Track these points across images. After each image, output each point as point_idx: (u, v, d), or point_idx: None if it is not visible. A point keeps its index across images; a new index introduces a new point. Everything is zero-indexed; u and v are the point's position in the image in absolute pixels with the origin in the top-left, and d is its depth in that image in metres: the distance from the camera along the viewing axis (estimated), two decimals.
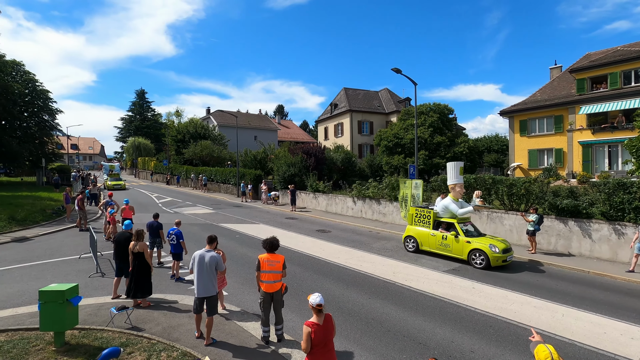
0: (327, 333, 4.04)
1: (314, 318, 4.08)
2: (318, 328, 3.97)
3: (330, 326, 4.09)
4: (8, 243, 13.40)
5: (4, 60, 31.66)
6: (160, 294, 8.21)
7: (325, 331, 4.01)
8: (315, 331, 3.94)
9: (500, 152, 43.82)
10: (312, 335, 3.92)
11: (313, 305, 4.05)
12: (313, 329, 3.95)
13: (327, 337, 4.04)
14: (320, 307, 4.05)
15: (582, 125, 24.18)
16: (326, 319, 4.09)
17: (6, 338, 6.01)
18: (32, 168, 37.83)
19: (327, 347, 4.05)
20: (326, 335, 4.02)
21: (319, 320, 4.04)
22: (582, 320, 7.16)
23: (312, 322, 4.02)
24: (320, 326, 3.99)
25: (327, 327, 4.05)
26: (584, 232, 11.78)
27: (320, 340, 3.96)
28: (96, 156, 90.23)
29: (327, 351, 4.04)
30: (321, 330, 3.98)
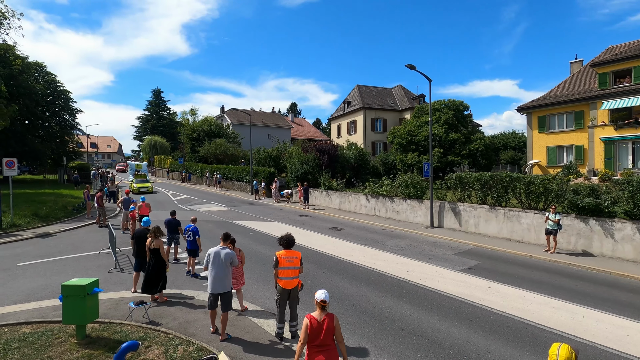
0: (322, 331, 3.97)
1: (315, 313, 4.09)
2: (316, 323, 3.98)
3: (326, 326, 3.99)
4: (32, 239, 13.90)
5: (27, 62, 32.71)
6: (176, 290, 8.37)
7: (319, 329, 3.96)
8: (311, 325, 3.97)
9: (518, 149, 42.87)
10: (308, 329, 3.96)
11: (317, 300, 4.08)
12: (311, 322, 3.98)
13: (323, 336, 3.97)
14: (323, 304, 4.04)
15: (604, 121, 23.38)
16: (325, 318, 4.02)
17: (31, 330, 6.24)
18: (54, 166, 39.10)
19: (323, 346, 3.97)
20: (320, 333, 3.96)
21: (318, 316, 4.04)
22: (604, 322, 6.95)
23: (312, 315, 4.06)
24: (318, 322, 3.99)
25: (323, 326, 3.98)
26: (606, 231, 11.41)
27: (315, 336, 3.96)
28: (114, 154, 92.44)
29: (323, 350, 3.97)
30: (317, 326, 3.98)
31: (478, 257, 11.62)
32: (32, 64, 33.99)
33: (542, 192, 13.18)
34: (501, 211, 14.14)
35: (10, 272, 9.83)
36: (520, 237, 13.49)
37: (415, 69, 15.66)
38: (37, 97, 32.82)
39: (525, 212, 13.38)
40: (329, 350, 3.99)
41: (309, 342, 4.00)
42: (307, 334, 3.97)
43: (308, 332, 3.97)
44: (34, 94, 31.97)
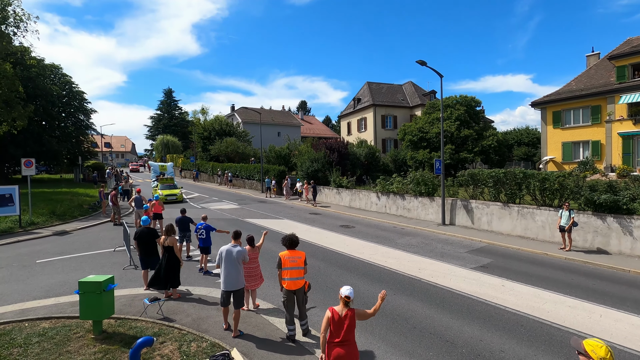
0: (343, 327, 4.06)
1: (338, 307, 4.20)
2: (337, 317, 4.09)
3: (348, 322, 4.08)
4: (50, 236, 14.27)
5: (43, 64, 33.51)
6: (189, 287, 8.49)
7: (340, 323, 4.06)
8: (332, 318, 4.08)
9: (531, 145, 42.05)
10: (329, 320, 4.08)
11: (342, 295, 4.17)
12: (333, 314, 4.10)
13: (342, 330, 4.06)
14: (347, 299, 4.13)
15: (622, 115, 22.71)
16: (347, 313, 4.12)
17: (50, 325, 6.42)
18: (70, 165, 40.03)
19: (344, 342, 4.05)
20: (341, 328, 4.05)
21: (340, 310, 4.14)
22: (623, 322, 6.77)
23: (334, 309, 4.17)
24: (340, 317, 4.08)
25: (343, 321, 4.08)
26: (625, 228, 11.11)
27: (336, 330, 4.05)
28: (128, 154, 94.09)
29: (342, 344, 4.04)
30: (338, 320, 4.07)
31: (491, 255, 11.46)
32: (48, 65, 34.83)
33: (558, 189, 12.90)
34: (515, 208, 13.90)
35: (30, 269, 10.12)
36: (534, 234, 13.25)
37: (426, 64, 15.47)
38: (53, 98, 33.63)
39: (540, 209, 13.12)
40: (349, 345, 4.07)
41: (329, 337, 4.08)
42: (329, 325, 4.08)
43: (330, 325, 4.07)
44: (50, 95, 32.76)
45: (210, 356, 5.32)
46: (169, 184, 25.30)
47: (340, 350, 4.02)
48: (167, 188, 24.38)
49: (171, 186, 24.96)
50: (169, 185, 25.13)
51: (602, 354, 2.58)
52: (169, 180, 26.62)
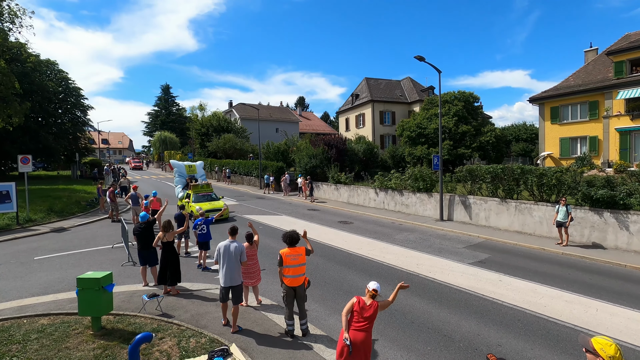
0: (365, 313, 4.43)
1: (365, 297, 4.57)
2: (362, 303, 4.47)
3: (371, 310, 4.45)
4: (48, 233, 14.24)
5: (39, 59, 33.21)
6: (188, 283, 8.50)
7: (363, 310, 4.44)
8: (358, 303, 4.46)
9: (529, 141, 42.11)
10: (354, 306, 4.45)
11: (369, 289, 4.53)
12: (359, 301, 4.48)
13: (364, 317, 4.42)
14: (375, 292, 4.48)
15: (620, 111, 22.76)
16: (372, 303, 4.50)
17: (49, 322, 6.42)
18: (67, 162, 39.86)
19: (361, 325, 4.41)
20: (363, 314, 4.43)
21: (367, 301, 4.51)
22: (619, 316, 6.84)
23: (361, 297, 4.56)
24: (365, 304, 4.46)
25: (367, 309, 4.44)
26: (621, 223, 11.17)
27: (357, 312, 4.44)
28: (125, 150, 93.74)
29: (361, 329, 4.40)
30: (363, 307, 4.44)
31: (489, 251, 11.51)
32: (44, 61, 34.53)
33: (555, 185, 12.94)
34: (512, 204, 13.95)
35: (28, 265, 10.11)
36: (532, 230, 13.31)
37: (424, 60, 15.43)
38: (50, 94, 33.38)
39: (538, 204, 13.17)
40: (367, 331, 4.43)
41: (351, 319, 4.45)
42: (352, 307, 4.45)
43: (353, 308, 4.44)
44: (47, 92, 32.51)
45: (209, 351, 5.34)
46: (207, 193, 17.40)
47: (359, 334, 4.37)
48: (206, 200, 16.72)
49: (210, 197, 17.21)
50: (206, 195, 17.26)
51: (612, 353, 2.53)
52: (206, 188, 17.94)
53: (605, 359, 2.54)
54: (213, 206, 15.89)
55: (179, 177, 19.99)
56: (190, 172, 19.99)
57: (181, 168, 20.20)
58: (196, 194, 17.05)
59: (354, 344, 4.33)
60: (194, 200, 16.48)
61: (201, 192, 17.30)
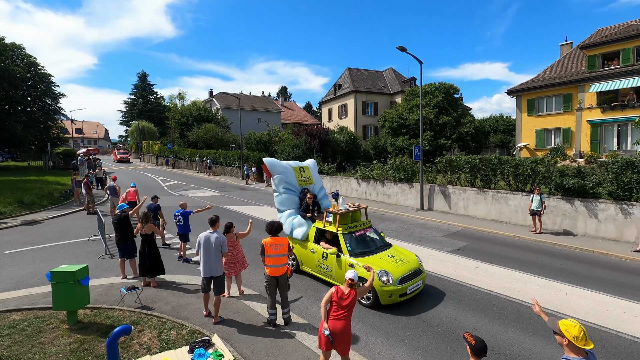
0: (343, 302, 4.46)
1: (343, 287, 4.61)
2: (341, 293, 4.52)
3: (349, 299, 4.49)
4: (18, 226, 13.65)
5: (3, 43, 31.33)
6: (168, 275, 8.37)
7: (342, 297, 4.48)
8: (336, 293, 4.51)
9: (507, 133, 43.25)
10: (333, 296, 4.50)
11: (346, 278, 4.57)
12: (337, 289, 4.54)
13: (343, 305, 4.46)
14: (351, 282, 4.53)
15: (592, 103, 23.65)
16: (350, 292, 4.53)
17: (21, 317, 6.20)
18: (39, 152, 38.09)
19: (340, 314, 4.46)
20: (341, 303, 4.46)
21: (344, 289, 4.57)
22: (586, 299, 7.21)
23: (339, 287, 4.59)
24: (342, 293, 4.51)
25: (345, 296, 4.48)
26: (590, 212, 11.71)
27: (336, 301, 4.49)
28: (101, 140, 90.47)
29: (340, 318, 4.45)
30: (341, 296, 4.49)
31: (467, 239, 11.85)
32: (8, 45, 32.54)
33: (530, 174, 13.40)
34: (490, 193, 14.36)
35: None
36: (508, 218, 13.77)
37: (406, 51, 15.49)
38: (17, 80, 31.57)
39: (513, 194, 13.62)
40: (346, 319, 4.49)
41: (331, 309, 4.50)
42: (330, 297, 4.48)
43: (332, 298, 4.48)
44: (13, 78, 30.74)
45: (191, 342, 5.30)
46: (363, 229, 8.29)
47: (338, 323, 4.42)
48: (372, 248, 7.93)
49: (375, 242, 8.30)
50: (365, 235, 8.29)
51: (575, 333, 2.78)
52: (358, 219, 8.75)
53: (570, 339, 2.79)
54: (404, 269, 7.02)
55: (285, 192, 9.55)
56: (303, 182, 9.84)
57: (288, 173, 9.64)
58: (347, 234, 7.77)
59: (334, 333, 4.40)
60: (349, 248, 7.49)
61: (355, 229, 8.02)
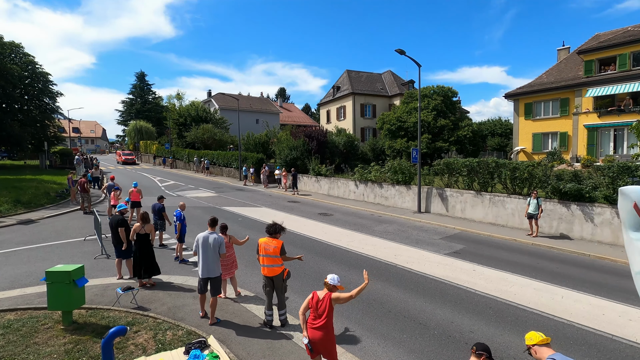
0: (320, 307, 4.31)
1: (320, 291, 4.47)
2: (316, 298, 4.39)
3: (324, 301, 4.32)
4: (14, 225, 13.57)
5: (2, 42, 31.19)
6: (164, 275, 8.34)
7: (318, 302, 4.34)
8: (312, 298, 4.40)
9: (504, 136, 43.49)
10: (309, 302, 4.39)
11: (325, 280, 4.47)
12: (313, 294, 4.43)
13: (319, 311, 4.31)
14: (325, 283, 4.43)
15: (589, 108, 23.81)
16: (325, 295, 4.37)
17: (16, 317, 6.15)
18: (35, 151, 37.86)
19: (318, 321, 4.30)
20: (318, 306, 4.32)
21: (320, 294, 4.40)
22: (582, 302, 7.24)
23: (316, 292, 4.47)
24: (318, 298, 4.36)
25: (320, 301, 4.34)
26: (586, 215, 11.77)
27: (313, 308, 4.36)
28: (98, 139, 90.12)
29: (317, 327, 4.28)
30: (317, 301, 4.36)
31: (464, 242, 11.88)
32: (7, 44, 32.42)
33: (527, 178, 13.45)
34: (487, 196, 14.40)
35: None
36: (505, 221, 13.82)
37: (404, 53, 15.55)
38: (14, 79, 31.41)
39: (510, 197, 13.67)
40: (325, 327, 4.30)
41: (309, 318, 4.35)
42: (308, 304, 4.39)
43: (309, 304, 4.39)
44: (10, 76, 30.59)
45: (187, 344, 5.27)
46: None
47: (317, 333, 4.26)
48: None
49: None
50: None
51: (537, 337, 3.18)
52: None
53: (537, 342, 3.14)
54: None
55: None
56: None
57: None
58: None
59: (313, 342, 4.24)
60: None
61: None
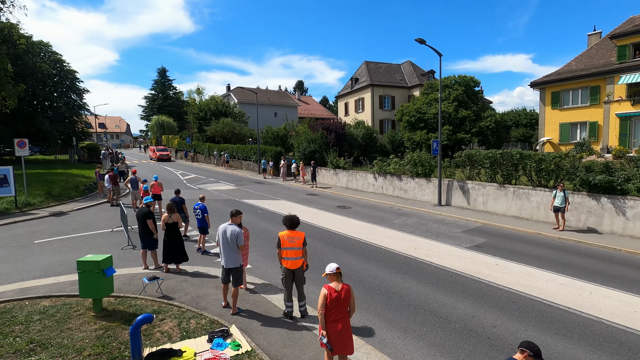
0: (341, 301, 4.25)
1: (332, 284, 4.35)
2: (334, 293, 4.25)
3: (344, 296, 4.28)
4: (47, 217, 14.25)
5: (31, 41, 32.46)
6: (188, 266, 8.58)
7: (337, 299, 4.24)
8: (330, 294, 4.23)
9: (529, 127, 41.96)
10: (327, 299, 4.22)
11: (332, 271, 4.35)
12: (330, 292, 4.25)
13: (341, 305, 4.26)
14: (338, 271, 4.33)
15: (621, 96, 22.58)
16: (343, 288, 4.31)
17: (50, 303, 6.50)
18: (64, 146, 39.54)
19: (340, 315, 4.26)
20: (339, 302, 4.25)
21: (336, 286, 4.30)
22: (611, 299, 6.96)
23: (330, 286, 4.32)
24: (336, 292, 4.26)
25: (341, 296, 4.26)
26: (618, 209, 11.25)
27: (334, 305, 4.23)
28: (122, 134, 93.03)
29: (339, 320, 4.25)
30: (336, 296, 4.24)
31: (486, 235, 11.62)
32: (36, 43, 33.77)
33: (554, 170, 12.96)
34: (510, 189, 13.99)
35: (28, 249, 10.16)
36: (529, 215, 13.40)
37: (425, 43, 15.17)
38: (44, 77, 32.77)
39: (535, 190, 13.22)
40: (344, 320, 4.28)
41: (327, 311, 4.24)
42: (326, 303, 4.21)
43: (327, 302, 4.21)
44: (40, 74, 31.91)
45: (210, 332, 5.44)
46: None
47: (339, 324, 4.24)
48: None
49: None
50: None
51: None
52: None
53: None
54: None
55: None
56: None
57: None
58: None
59: (339, 334, 4.19)
60: None
61: None
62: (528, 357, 2.98)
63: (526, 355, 2.99)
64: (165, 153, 43.89)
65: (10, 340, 5.25)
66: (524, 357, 3.00)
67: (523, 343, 3.07)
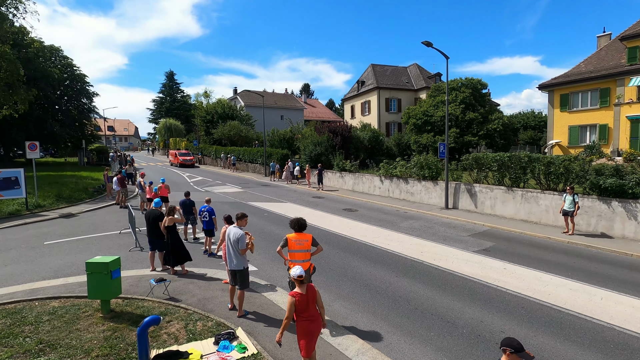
0: (309, 300, 4.34)
1: (297, 289, 4.37)
2: (301, 297, 4.30)
3: (311, 292, 4.36)
4: (56, 219, 14.45)
5: (43, 45, 33.04)
6: (195, 268, 8.63)
7: (305, 301, 4.32)
8: (298, 300, 4.28)
9: (537, 129, 41.53)
10: (296, 304, 4.27)
11: (294, 277, 4.34)
12: (296, 298, 4.29)
13: (310, 304, 4.34)
14: (300, 279, 4.32)
15: (632, 98, 22.23)
16: (308, 288, 4.37)
17: (59, 304, 6.57)
18: (74, 149, 40.10)
19: (311, 317, 4.35)
20: (308, 302, 4.33)
21: (301, 290, 4.33)
22: (623, 304, 6.83)
23: (295, 292, 4.35)
24: (302, 295, 4.31)
25: (308, 297, 4.33)
26: (629, 213, 11.05)
27: (304, 307, 4.31)
28: (131, 137, 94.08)
29: (312, 320, 4.35)
30: (304, 298, 4.31)
31: (494, 239, 11.49)
32: (47, 47, 34.31)
33: (563, 173, 12.79)
34: (519, 192, 13.84)
35: (38, 250, 10.30)
36: (538, 218, 13.23)
37: (431, 45, 15.13)
38: (54, 81, 33.28)
39: (544, 193, 13.05)
40: (316, 320, 4.39)
41: (298, 313, 4.32)
42: (295, 309, 4.28)
43: (296, 307, 4.27)
44: (51, 78, 32.43)
45: (216, 334, 5.45)
46: None
47: (311, 325, 4.36)
48: None
49: None
50: None
51: None
52: None
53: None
54: None
55: None
56: None
57: None
58: None
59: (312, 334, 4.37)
60: None
61: None
62: (511, 355, 2.96)
63: (508, 353, 2.97)
64: (189, 158, 38.96)
65: (20, 341, 5.32)
66: (507, 356, 2.98)
67: (503, 341, 3.05)
